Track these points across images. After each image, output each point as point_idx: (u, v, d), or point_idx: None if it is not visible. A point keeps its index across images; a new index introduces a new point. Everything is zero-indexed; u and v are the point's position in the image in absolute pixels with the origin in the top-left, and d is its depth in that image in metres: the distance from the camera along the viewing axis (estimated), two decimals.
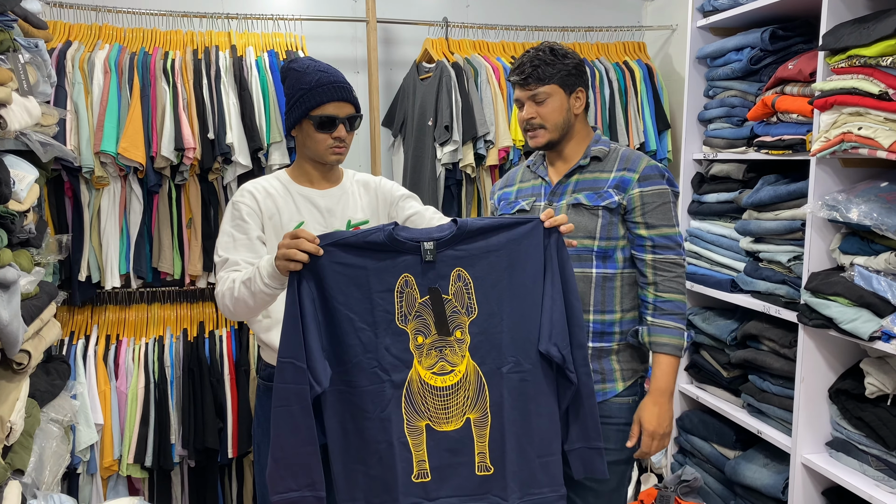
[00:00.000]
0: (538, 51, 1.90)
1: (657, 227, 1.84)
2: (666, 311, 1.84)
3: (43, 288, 2.11)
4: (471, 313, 1.55)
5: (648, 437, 1.82)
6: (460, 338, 1.55)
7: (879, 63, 1.84)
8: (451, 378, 1.55)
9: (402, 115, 3.38)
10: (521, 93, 1.92)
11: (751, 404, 2.47)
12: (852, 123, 1.95)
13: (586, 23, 3.52)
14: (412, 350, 1.55)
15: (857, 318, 1.93)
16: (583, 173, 1.91)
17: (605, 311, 1.87)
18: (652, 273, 1.85)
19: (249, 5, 3.24)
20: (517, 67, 1.91)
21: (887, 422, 1.96)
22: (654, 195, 1.84)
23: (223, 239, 1.83)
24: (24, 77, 1.99)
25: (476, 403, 1.57)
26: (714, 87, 2.71)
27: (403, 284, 1.53)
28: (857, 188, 2.03)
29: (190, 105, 2.78)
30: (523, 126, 1.94)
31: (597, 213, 1.85)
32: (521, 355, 1.56)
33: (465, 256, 1.54)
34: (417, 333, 1.55)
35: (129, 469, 2.81)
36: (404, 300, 1.53)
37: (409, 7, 3.47)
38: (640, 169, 1.86)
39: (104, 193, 2.76)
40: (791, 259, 2.26)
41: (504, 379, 1.56)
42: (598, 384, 1.86)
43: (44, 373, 2.32)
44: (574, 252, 1.83)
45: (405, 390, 1.55)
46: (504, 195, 2.07)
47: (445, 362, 1.55)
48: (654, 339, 1.84)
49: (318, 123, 1.83)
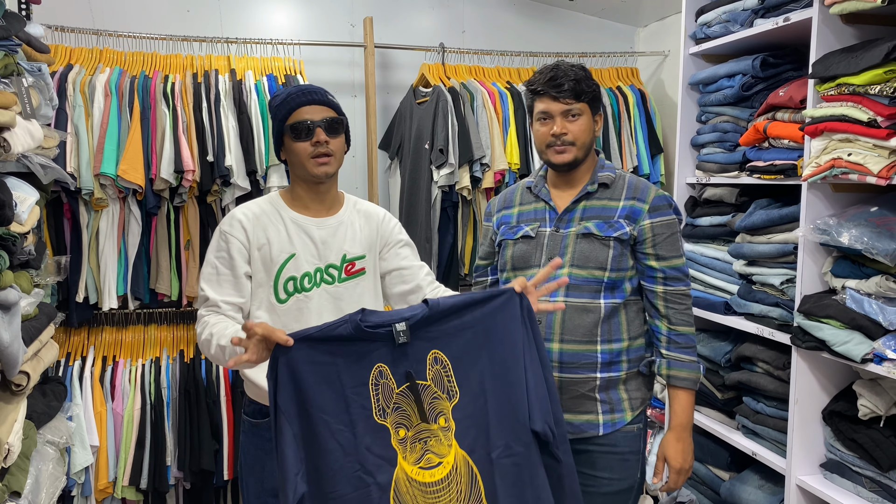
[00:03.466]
0: (571, 66, 1.83)
1: (668, 259, 1.85)
2: (681, 345, 1.85)
3: (42, 309, 2.12)
4: (452, 397, 1.45)
5: (676, 473, 1.84)
6: (445, 425, 1.44)
7: (868, 91, 1.88)
8: (440, 471, 1.43)
9: (398, 139, 3.42)
10: (552, 105, 1.82)
11: (745, 426, 2.48)
12: (842, 149, 1.99)
13: (580, 48, 3.58)
14: (395, 446, 1.43)
15: (850, 341, 1.95)
16: (590, 200, 1.87)
17: (612, 341, 1.84)
18: (664, 305, 1.85)
19: (249, 29, 3.28)
20: (551, 79, 1.81)
21: (880, 443, 1.98)
22: (663, 226, 1.84)
23: (207, 270, 1.76)
24: (27, 100, 2.02)
25: (470, 496, 1.44)
26: (707, 113, 2.76)
27: (378, 375, 1.43)
28: (847, 213, 2.07)
29: (189, 128, 2.81)
30: (547, 141, 1.84)
31: (608, 243, 1.82)
32: (510, 438, 1.46)
33: (440, 337, 1.44)
34: (398, 427, 1.43)
35: (124, 491, 2.80)
36: (381, 392, 1.43)
37: (407, 32, 3.53)
38: (649, 199, 1.85)
39: (103, 215, 2.78)
40: (784, 282, 2.29)
41: (495, 466, 1.45)
42: (607, 414, 1.84)
43: (40, 394, 2.31)
44: (583, 282, 1.82)
45: (392, 491, 1.42)
46: (504, 218, 1.99)
47: (432, 454, 1.44)
48: (672, 372, 1.85)
49: (293, 131, 1.73)
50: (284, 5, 3.40)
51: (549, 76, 1.82)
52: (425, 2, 3.59)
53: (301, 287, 1.77)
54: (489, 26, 3.66)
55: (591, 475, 1.85)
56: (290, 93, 1.76)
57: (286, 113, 1.75)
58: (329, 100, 1.78)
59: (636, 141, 3.33)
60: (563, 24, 3.75)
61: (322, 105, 1.76)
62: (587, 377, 1.82)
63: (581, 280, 1.82)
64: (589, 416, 1.84)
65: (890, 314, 1.87)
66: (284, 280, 1.76)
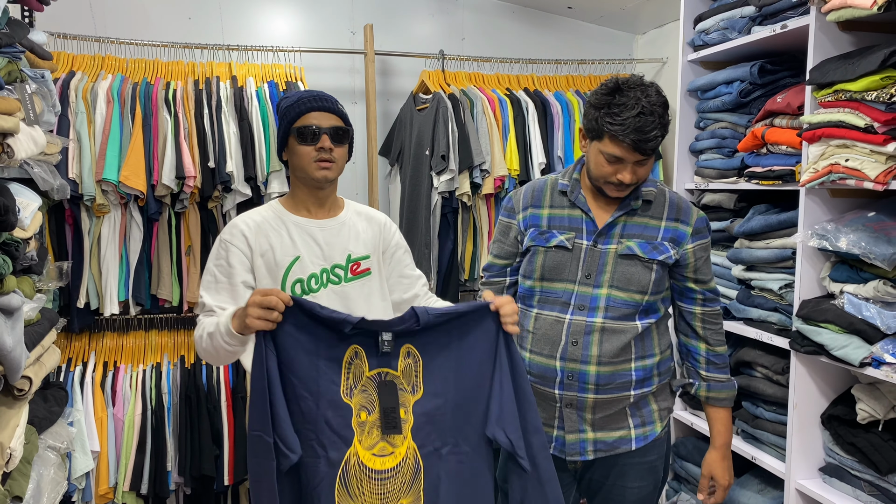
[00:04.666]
0: (660, 113, 1.65)
1: (706, 282, 1.85)
2: (719, 366, 1.88)
3: (44, 314, 2.13)
4: (416, 392, 1.51)
5: (723, 490, 1.88)
6: (403, 417, 1.49)
7: (864, 97, 1.90)
8: (391, 460, 1.49)
9: (399, 145, 3.44)
10: (629, 155, 1.66)
11: (745, 430, 2.49)
12: (840, 155, 2.00)
13: (579, 55, 3.61)
14: (354, 427, 1.47)
15: (848, 345, 1.96)
16: (632, 216, 1.79)
17: (645, 357, 1.81)
18: (701, 327, 1.86)
19: (250, 37, 3.30)
20: (638, 129, 1.62)
21: (879, 447, 1.99)
22: (703, 249, 1.83)
23: (206, 278, 1.77)
24: (30, 107, 2.03)
25: (411, 488, 1.50)
26: (705, 119, 2.78)
27: (353, 355, 1.47)
28: (845, 218, 2.08)
29: (191, 134, 2.83)
30: (610, 180, 1.71)
31: (651, 266, 1.77)
32: (460, 437, 1.52)
33: (418, 336, 1.50)
34: (361, 409, 1.48)
35: (124, 497, 2.80)
36: (352, 372, 1.47)
37: (407, 40, 3.55)
38: (692, 222, 1.81)
39: (104, 221, 2.79)
40: (782, 287, 2.30)
41: (443, 460, 1.51)
42: (639, 428, 1.83)
43: (42, 399, 2.32)
44: (622, 305, 1.76)
45: (341, 471, 1.47)
46: (533, 219, 1.86)
47: (387, 443, 1.48)
48: (713, 394, 1.88)
49: (299, 135, 1.75)
50: (285, 13, 3.43)
51: (636, 125, 1.62)
52: (425, 9, 3.62)
53: (308, 288, 1.79)
54: (489, 33, 3.69)
55: (622, 486, 1.86)
56: (302, 96, 1.78)
57: (295, 115, 1.77)
58: (339, 109, 1.81)
59: None
60: (563, 31, 3.78)
61: (331, 113, 1.78)
62: (621, 396, 1.80)
63: (620, 302, 1.77)
64: (622, 433, 1.83)
65: (888, 318, 1.89)
66: (291, 283, 1.77)
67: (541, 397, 1.82)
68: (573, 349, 1.77)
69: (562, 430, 1.82)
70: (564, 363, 1.78)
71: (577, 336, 1.77)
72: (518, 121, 3.24)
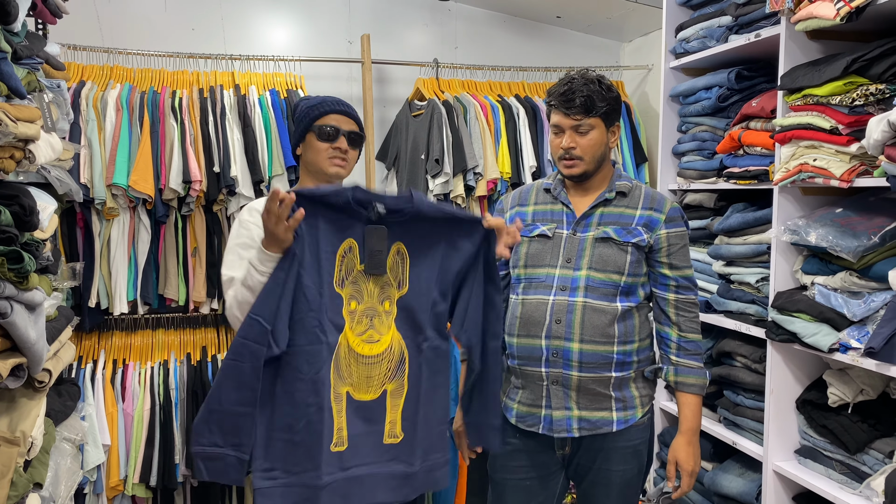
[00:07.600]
0: (588, 81, 1.85)
1: (680, 269, 1.94)
2: (690, 352, 1.94)
3: (61, 312, 2.23)
4: (401, 288, 1.66)
5: (688, 476, 1.93)
6: (388, 310, 1.65)
7: (830, 101, 2.03)
8: (378, 347, 1.64)
9: (395, 150, 3.55)
10: (563, 120, 1.86)
11: (726, 418, 2.60)
12: (808, 155, 2.14)
13: (568, 63, 3.71)
14: (345, 315, 1.61)
15: (818, 333, 2.08)
16: (608, 206, 1.93)
17: (626, 342, 1.91)
18: (674, 313, 1.94)
19: (251, 47, 3.42)
20: (563, 94, 1.85)
21: (849, 428, 2.11)
22: (677, 237, 1.93)
23: (230, 258, 1.83)
24: (48, 114, 2.14)
25: (395, 375, 1.66)
26: (686, 123, 2.89)
27: (347, 249, 1.60)
28: (815, 214, 2.21)
29: (197, 140, 2.95)
30: (559, 153, 1.90)
31: (626, 249, 1.89)
32: (435, 332, 1.70)
33: (409, 234, 1.64)
34: (351, 299, 1.61)
35: (134, 489, 2.90)
36: (345, 264, 1.60)
37: (402, 49, 3.67)
38: (666, 210, 1.93)
39: (114, 224, 2.91)
40: (759, 280, 2.42)
41: (422, 353, 1.69)
42: (621, 412, 1.93)
43: (56, 394, 2.41)
44: (601, 285, 1.88)
45: (334, 355, 1.60)
46: (520, 215, 2.01)
47: (374, 331, 1.63)
48: (680, 379, 1.95)
49: (319, 132, 1.88)
50: (285, 23, 3.55)
51: (563, 90, 1.86)
52: (419, 19, 3.75)
53: None
54: (481, 42, 3.81)
55: (608, 469, 1.96)
56: (326, 99, 1.94)
57: (318, 114, 1.90)
58: (356, 116, 1.97)
59: (622, 151, 3.47)
60: (552, 39, 3.90)
61: (350, 118, 1.94)
62: (603, 376, 1.90)
63: (599, 283, 1.89)
64: (604, 413, 1.92)
65: (854, 307, 2.01)
66: None
67: (528, 379, 1.94)
68: (557, 327, 1.89)
69: (549, 409, 1.93)
70: (549, 341, 1.89)
71: (560, 315, 1.89)
72: (509, 126, 3.36)
